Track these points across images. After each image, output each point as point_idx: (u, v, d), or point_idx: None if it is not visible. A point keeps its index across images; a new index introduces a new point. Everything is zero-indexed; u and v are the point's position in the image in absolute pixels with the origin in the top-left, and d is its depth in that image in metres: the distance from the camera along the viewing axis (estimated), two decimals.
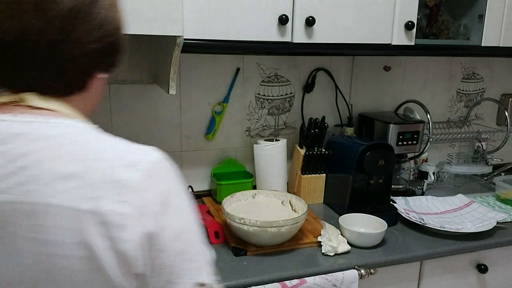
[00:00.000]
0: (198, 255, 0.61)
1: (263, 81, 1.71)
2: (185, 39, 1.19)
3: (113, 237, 0.54)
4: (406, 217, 1.49)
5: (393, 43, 1.46)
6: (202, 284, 0.60)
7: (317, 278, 1.18)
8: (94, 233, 0.54)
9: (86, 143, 0.58)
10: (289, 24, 1.31)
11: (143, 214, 0.55)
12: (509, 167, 1.99)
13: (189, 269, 0.59)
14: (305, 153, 1.64)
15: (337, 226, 1.38)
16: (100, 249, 0.54)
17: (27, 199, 0.54)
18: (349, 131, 1.79)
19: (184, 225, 0.60)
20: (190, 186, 1.64)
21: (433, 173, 1.88)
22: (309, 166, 1.66)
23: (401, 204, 1.62)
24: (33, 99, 0.60)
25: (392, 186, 1.63)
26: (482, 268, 1.43)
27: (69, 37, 0.59)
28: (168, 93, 1.28)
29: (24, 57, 0.58)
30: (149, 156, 0.59)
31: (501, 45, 1.62)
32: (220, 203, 1.39)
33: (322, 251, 1.28)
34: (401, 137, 1.66)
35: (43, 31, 0.57)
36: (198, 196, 1.66)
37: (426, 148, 1.79)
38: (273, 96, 1.74)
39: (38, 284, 0.56)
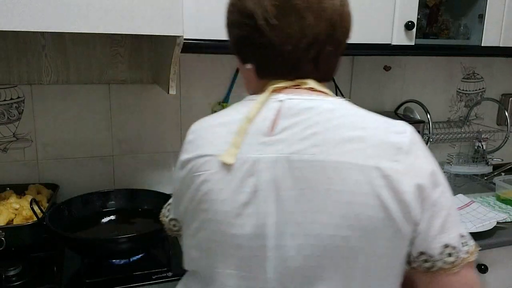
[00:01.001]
0: (455, 210, 0.73)
1: None
2: (185, 39, 1.19)
3: (395, 188, 0.66)
4: None
5: (393, 43, 1.46)
6: (463, 236, 0.72)
7: None
8: (380, 185, 0.66)
9: (359, 115, 0.72)
10: None
11: (413, 172, 0.67)
12: (509, 167, 1.99)
13: (453, 222, 0.72)
14: None
15: None
16: (387, 199, 0.66)
17: (320, 158, 0.67)
18: None
19: (444, 184, 0.72)
20: None
21: None
22: None
23: None
24: (311, 83, 0.75)
25: None
26: (482, 268, 1.43)
27: (347, 36, 0.77)
28: (168, 93, 1.28)
29: (322, 53, 0.74)
30: (407, 127, 0.71)
31: (501, 45, 1.62)
32: None
33: None
34: None
35: (338, 30, 0.75)
36: None
37: None
38: None
39: (339, 228, 0.67)
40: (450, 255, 0.71)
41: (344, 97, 0.76)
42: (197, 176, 0.73)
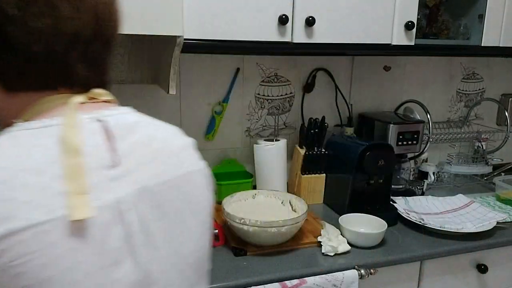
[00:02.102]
0: None
1: (263, 81, 1.71)
2: (185, 39, 1.19)
3: (210, 183, 0.69)
4: (406, 217, 1.49)
5: (393, 43, 1.46)
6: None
7: (317, 278, 1.18)
8: (208, 182, 0.69)
9: (161, 122, 0.68)
10: (289, 24, 1.31)
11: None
12: (509, 167, 1.99)
13: None
14: (305, 153, 1.64)
15: (337, 226, 1.38)
16: (211, 192, 0.69)
17: (172, 175, 0.62)
18: (349, 131, 1.79)
19: None
20: None
21: (433, 173, 1.88)
22: (309, 166, 1.66)
23: (401, 204, 1.62)
24: (105, 95, 0.64)
25: (392, 186, 1.63)
26: (482, 268, 1.43)
27: (117, 30, 0.64)
28: (168, 93, 1.28)
29: (96, 54, 0.61)
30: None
31: (501, 45, 1.62)
32: (220, 203, 1.39)
33: (322, 251, 1.28)
34: (401, 137, 1.66)
35: (111, 27, 0.62)
36: None
37: (426, 148, 1.79)
38: (273, 96, 1.74)
39: (202, 236, 0.66)
40: None
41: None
42: (20, 264, 0.47)
